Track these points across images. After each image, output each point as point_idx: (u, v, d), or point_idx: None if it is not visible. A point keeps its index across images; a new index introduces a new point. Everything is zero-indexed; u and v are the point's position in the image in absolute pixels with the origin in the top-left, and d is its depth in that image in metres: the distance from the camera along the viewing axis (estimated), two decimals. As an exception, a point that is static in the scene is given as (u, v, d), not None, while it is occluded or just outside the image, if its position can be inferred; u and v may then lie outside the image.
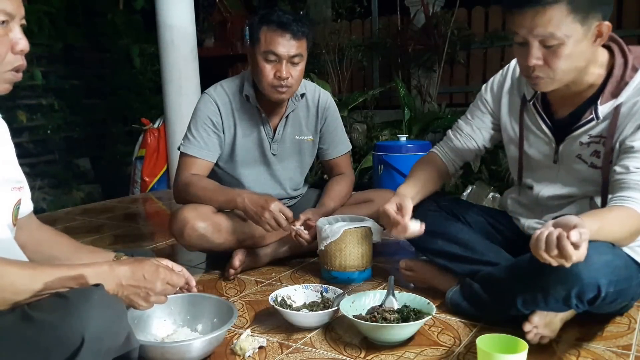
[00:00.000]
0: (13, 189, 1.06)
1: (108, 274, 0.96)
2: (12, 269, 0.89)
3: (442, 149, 1.63)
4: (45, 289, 0.89)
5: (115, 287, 0.97)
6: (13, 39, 0.94)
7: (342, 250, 1.71)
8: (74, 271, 0.93)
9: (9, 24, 0.94)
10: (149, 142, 3.87)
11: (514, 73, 1.47)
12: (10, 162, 1.07)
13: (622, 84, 1.24)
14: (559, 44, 1.16)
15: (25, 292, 0.88)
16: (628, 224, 1.15)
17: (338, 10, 4.95)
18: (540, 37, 1.16)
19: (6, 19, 0.93)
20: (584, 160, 1.32)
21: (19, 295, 0.88)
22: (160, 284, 1.02)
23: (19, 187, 1.08)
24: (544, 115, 1.38)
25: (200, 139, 1.85)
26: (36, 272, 0.90)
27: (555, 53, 1.17)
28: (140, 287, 0.99)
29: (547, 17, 1.14)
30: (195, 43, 3.51)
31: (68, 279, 0.91)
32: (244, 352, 1.26)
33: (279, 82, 1.74)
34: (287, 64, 1.73)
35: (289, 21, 1.71)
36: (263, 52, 1.73)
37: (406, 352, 1.27)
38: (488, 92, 1.53)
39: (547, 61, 1.19)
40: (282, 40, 1.71)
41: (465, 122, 1.59)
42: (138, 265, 1.00)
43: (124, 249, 1.71)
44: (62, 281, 0.91)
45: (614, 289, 1.14)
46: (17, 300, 0.88)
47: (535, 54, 1.19)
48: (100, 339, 0.86)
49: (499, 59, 4.52)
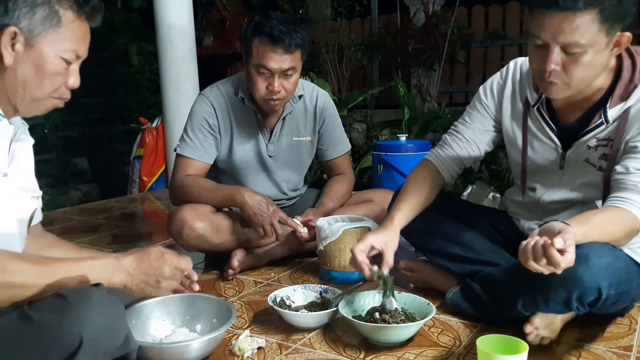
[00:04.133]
0: (32, 198, 1.10)
1: (116, 265, 1.00)
2: (22, 265, 0.91)
3: (438, 156, 1.51)
4: (53, 284, 0.91)
5: (124, 277, 1.00)
6: (70, 75, 1.05)
7: (342, 250, 1.70)
8: (81, 265, 0.96)
9: (73, 64, 1.05)
10: (147, 142, 3.87)
11: (515, 76, 1.41)
12: (30, 174, 1.12)
13: (631, 87, 1.21)
14: (581, 52, 1.12)
15: (34, 288, 0.90)
16: (621, 225, 1.14)
17: (337, 9, 4.94)
18: (563, 43, 1.12)
19: (74, 59, 1.04)
20: (593, 164, 1.30)
21: (27, 291, 0.90)
22: (168, 269, 1.06)
23: (37, 197, 1.13)
24: (550, 121, 1.34)
25: (197, 140, 1.84)
26: (45, 268, 0.93)
27: (575, 61, 1.13)
28: (149, 275, 1.03)
29: (575, 24, 1.09)
30: (194, 42, 3.50)
31: (76, 274, 0.94)
32: (242, 352, 1.25)
33: (270, 95, 1.72)
34: (280, 77, 1.71)
35: (282, 34, 1.65)
36: (255, 65, 1.71)
37: (406, 352, 1.26)
38: (488, 95, 1.46)
39: (565, 68, 1.15)
40: (274, 55, 1.67)
41: (464, 126, 1.49)
42: (143, 253, 1.04)
43: (122, 249, 1.70)
44: (70, 276, 0.93)
45: (615, 291, 1.13)
46: (26, 295, 0.90)
47: (555, 59, 1.13)
48: (99, 339, 0.86)
49: (499, 58, 4.52)
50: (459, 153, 1.49)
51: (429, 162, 1.52)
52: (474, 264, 1.44)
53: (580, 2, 1.07)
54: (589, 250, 1.10)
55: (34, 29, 0.97)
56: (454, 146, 1.49)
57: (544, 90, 1.25)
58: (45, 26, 0.98)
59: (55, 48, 1.00)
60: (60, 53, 1.01)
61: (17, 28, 0.96)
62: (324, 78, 4.30)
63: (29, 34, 0.97)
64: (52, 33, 0.99)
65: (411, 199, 1.43)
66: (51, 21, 0.98)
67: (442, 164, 1.50)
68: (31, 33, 0.97)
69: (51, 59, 1.00)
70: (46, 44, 0.99)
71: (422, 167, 1.52)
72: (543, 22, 1.12)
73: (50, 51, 1.00)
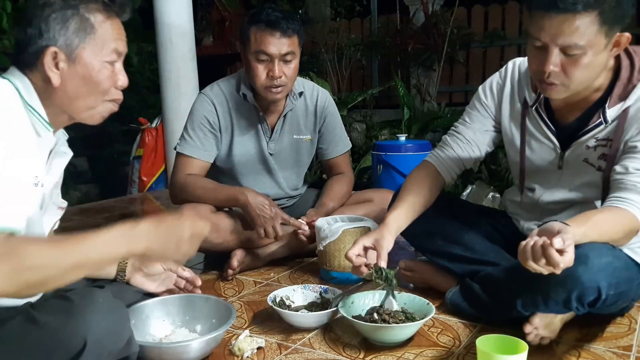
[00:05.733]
0: (59, 209, 1.13)
1: (132, 232, 0.91)
2: (37, 247, 0.83)
3: (438, 157, 1.50)
4: (73, 265, 0.84)
5: (145, 242, 0.91)
6: (117, 75, 1.04)
7: (342, 250, 1.70)
8: (98, 239, 0.88)
9: (117, 63, 1.04)
10: (146, 142, 3.86)
11: (513, 76, 1.41)
12: (59, 186, 1.14)
13: (629, 87, 1.22)
14: (580, 54, 1.12)
15: (54, 269, 0.82)
16: (620, 225, 1.14)
17: (337, 9, 4.94)
18: (562, 45, 1.12)
19: (116, 58, 1.04)
20: (592, 164, 1.30)
21: (47, 272, 0.82)
22: (187, 230, 0.98)
23: (63, 207, 1.15)
24: (548, 122, 1.34)
25: (197, 138, 1.84)
26: (62, 247, 0.84)
27: (574, 62, 1.13)
28: (169, 238, 0.95)
29: (575, 26, 1.08)
30: (194, 42, 3.49)
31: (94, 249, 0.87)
32: (242, 352, 1.25)
33: (272, 82, 1.73)
34: (279, 62, 1.72)
35: (278, 19, 1.69)
36: (254, 53, 1.72)
37: (406, 352, 1.26)
38: (488, 95, 1.45)
39: (564, 69, 1.15)
40: (272, 39, 1.69)
41: (465, 126, 1.49)
42: (159, 220, 0.96)
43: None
44: (88, 252, 0.86)
45: (615, 291, 1.13)
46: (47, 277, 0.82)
47: (554, 60, 1.13)
48: (103, 342, 0.87)
49: (499, 58, 4.52)
50: (460, 154, 1.48)
51: (428, 164, 1.51)
52: (473, 264, 1.44)
53: (580, 4, 1.07)
54: (589, 250, 1.10)
55: (71, 43, 0.98)
56: (454, 147, 1.49)
57: (543, 92, 1.25)
58: (80, 37, 0.99)
59: (97, 54, 1.00)
60: (103, 57, 1.01)
61: (55, 47, 0.97)
62: (323, 78, 4.31)
63: (68, 49, 0.98)
64: (90, 41, 0.99)
65: (408, 199, 1.41)
66: (85, 30, 0.99)
67: (442, 165, 1.49)
68: (70, 48, 0.98)
69: (97, 67, 1.01)
70: (87, 54, 0.99)
71: (422, 168, 1.52)
72: (542, 23, 1.12)
73: (93, 59, 1.00)
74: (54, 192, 1.10)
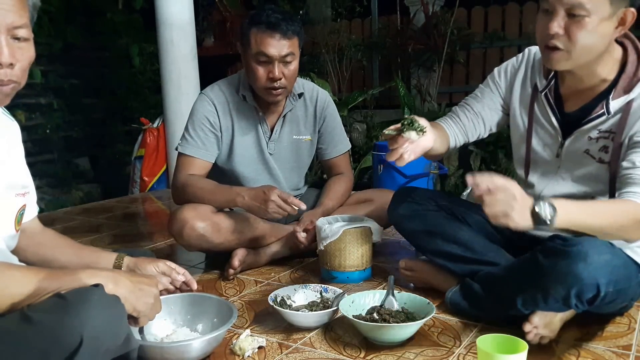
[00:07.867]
0: (17, 195, 1.05)
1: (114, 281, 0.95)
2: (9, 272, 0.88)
3: (446, 122, 1.55)
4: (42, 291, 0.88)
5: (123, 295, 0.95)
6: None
7: (342, 250, 1.70)
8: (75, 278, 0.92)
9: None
10: (148, 142, 3.87)
11: (528, 62, 1.46)
12: (18, 166, 1.06)
13: (634, 80, 1.25)
14: (584, 16, 1.16)
15: (28, 300, 0.88)
16: (625, 214, 1.15)
17: (338, 9, 4.94)
18: (567, 5, 1.17)
19: None
20: (592, 156, 1.32)
21: (21, 302, 0.87)
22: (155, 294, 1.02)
23: (24, 193, 1.07)
24: (555, 107, 1.37)
25: (198, 139, 1.84)
26: (38, 286, 0.88)
27: (578, 24, 1.18)
28: (140, 299, 0.99)
29: None
30: (195, 42, 3.50)
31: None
32: (243, 352, 1.26)
33: (272, 83, 1.74)
34: (279, 64, 1.72)
35: (278, 20, 1.69)
36: (254, 54, 1.72)
37: (406, 352, 1.27)
38: (502, 76, 1.50)
39: (568, 31, 1.19)
40: (272, 40, 1.70)
41: (474, 99, 1.54)
42: (139, 277, 1.01)
43: (123, 249, 1.70)
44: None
45: (614, 289, 1.14)
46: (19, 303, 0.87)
47: (559, 21, 1.19)
48: (99, 338, 0.86)
49: (499, 59, 4.51)
50: (465, 123, 1.53)
51: (438, 124, 1.54)
52: (473, 263, 1.45)
53: None
54: (588, 248, 1.12)
55: None
56: (462, 116, 1.54)
57: (546, 62, 1.29)
58: None
59: None
60: None
61: None
62: (324, 78, 4.31)
63: None
64: None
65: (434, 125, 1.46)
66: None
67: (450, 128, 1.53)
68: None
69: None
70: None
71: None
72: None
73: None
74: (10, 176, 1.02)
